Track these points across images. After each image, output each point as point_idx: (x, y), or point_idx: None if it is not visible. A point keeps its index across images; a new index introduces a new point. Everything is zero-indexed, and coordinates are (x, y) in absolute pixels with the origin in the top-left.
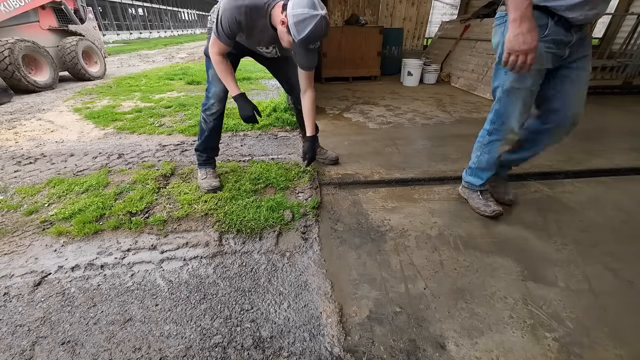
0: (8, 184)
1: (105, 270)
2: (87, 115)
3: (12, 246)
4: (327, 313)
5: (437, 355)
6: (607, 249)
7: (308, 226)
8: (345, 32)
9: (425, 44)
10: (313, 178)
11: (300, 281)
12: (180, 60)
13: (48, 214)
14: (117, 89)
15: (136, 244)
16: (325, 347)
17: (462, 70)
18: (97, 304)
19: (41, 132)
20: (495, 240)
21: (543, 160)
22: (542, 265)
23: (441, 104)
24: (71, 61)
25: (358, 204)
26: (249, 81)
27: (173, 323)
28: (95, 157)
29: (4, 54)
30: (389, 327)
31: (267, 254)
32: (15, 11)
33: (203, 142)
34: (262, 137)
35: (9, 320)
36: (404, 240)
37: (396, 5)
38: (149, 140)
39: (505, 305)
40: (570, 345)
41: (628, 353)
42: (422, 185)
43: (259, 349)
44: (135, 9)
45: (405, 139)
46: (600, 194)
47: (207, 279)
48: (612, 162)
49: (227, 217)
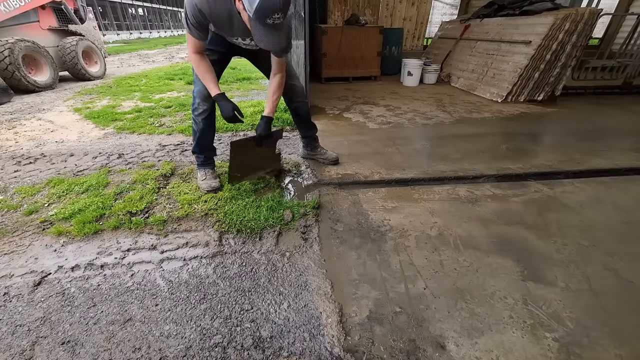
0: (8, 184)
1: (105, 270)
2: (87, 115)
3: (12, 246)
4: (327, 313)
5: (437, 355)
6: (607, 249)
7: (308, 226)
8: (345, 32)
9: (425, 44)
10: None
11: (300, 281)
12: (180, 60)
13: (48, 214)
14: (117, 89)
15: (136, 244)
16: (325, 347)
17: (462, 70)
18: (97, 304)
19: (41, 132)
20: (495, 240)
21: (543, 160)
22: (542, 265)
23: (441, 104)
24: (71, 61)
25: (358, 204)
26: (249, 81)
27: (173, 323)
28: (95, 157)
29: (4, 54)
30: (389, 327)
31: (267, 254)
32: (15, 11)
33: (197, 144)
34: None
35: (9, 320)
36: (404, 240)
37: (396, 5)
38: (149, 140)
39: (505, 305)
40: (570, 345)
41: (628, 353)
42: (422, 185)
43: (259, 349)
44: (135, 9)
45: (405, 139)
46: (600, 194)
47: (207, 279)
48: (612, 162)
49: (227, 217)
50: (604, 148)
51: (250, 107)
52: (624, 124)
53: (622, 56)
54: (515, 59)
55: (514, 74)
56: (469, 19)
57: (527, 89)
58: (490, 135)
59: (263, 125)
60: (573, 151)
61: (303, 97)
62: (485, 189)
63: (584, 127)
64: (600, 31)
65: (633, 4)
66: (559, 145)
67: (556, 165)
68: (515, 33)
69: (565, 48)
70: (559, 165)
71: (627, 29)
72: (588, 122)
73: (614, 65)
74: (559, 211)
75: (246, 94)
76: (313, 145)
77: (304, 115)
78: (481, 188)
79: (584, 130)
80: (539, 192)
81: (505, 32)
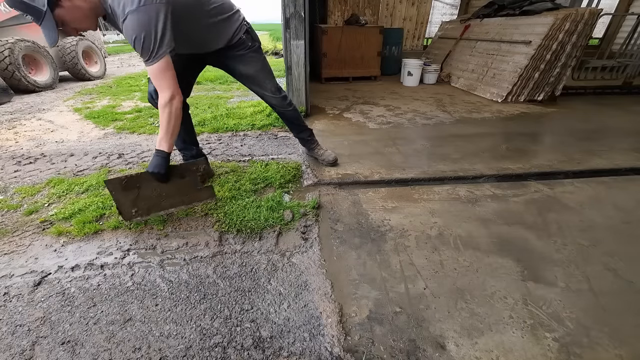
0: (8, 184)
1: (105, 270)
2: (87, 115)
3: (12, 246)
4: (327, 313)
5: (437, 355)
6: (607, 249)
7: (308, 226)
8: (345, 32)
9: (425, 44)
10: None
11: (300, 281)
12: None
13: (48, 214)
14: (117, 88)
15: (136, 244)
16: (325, 347)
17: (462, 70)
18: (97, 304)
19: (41, 132)
20: (495, 240)
21: (543, 160)
22: (542, 265)
23: (441, 104)
24: (71, 61)
25: (358, 204)
26: None
27: (173, 323)
28: (95, 157)
29: (4, 54)
30: (389, 327)
31: (267, 254)
32: (16, 11)
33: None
34: (262, 137)
35: (9, 320)
36: (404, 240)
37: (396, 5)
38: (149, 140)
39: (505, 305)
40: (570, 345)
41: (628, 353)
42: (422, 185)
43: (259, 349)
44: None
45: (405, 139)
46: (600, 194)
47: (207, 279)
48: (612, 162)
49: (227, 217)
50: (604, 148)
51: (250, 107)
52: (624, 124)
53: (622, 56)
54: (515, 59)
55: (514, 74)
56: (469, 19)
57: (527, 89)
58: (490, 135)
59: (153, 160)
60: (573, 151)
61: (281, 108)
62: (485, 189)
63: (584, 127)
64: (600, 31)
65: (633, 4)
66: (559, 145)
67: (556, 165)
68: (515, 33)
69: (566, 48)
70: (559, 165)
71: (627, 29)
72: (588, 122)
73: (614, 65)
74: (559, 211)
75: (246, 94)
76: (309, 147)
77: (290, 119)
78: (481, 188)
79: (584, 130)
80: (539, 192)
81: (505, 32)
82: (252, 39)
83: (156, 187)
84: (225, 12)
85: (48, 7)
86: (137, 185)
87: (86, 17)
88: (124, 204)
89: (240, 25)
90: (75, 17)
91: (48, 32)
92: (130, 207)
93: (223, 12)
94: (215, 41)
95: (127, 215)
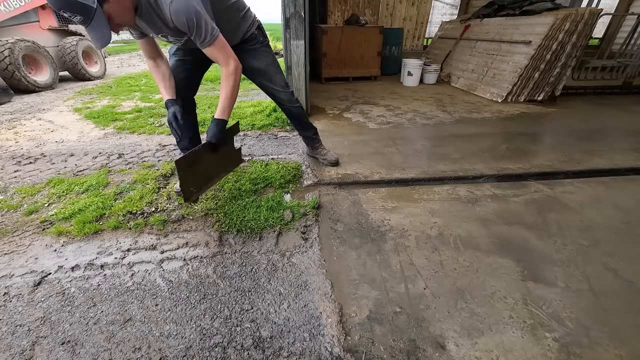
0: (8, 184)
1: (105, 270)
2: (87, 115)
3: (12, 246)
4: (327, 313)
5: (437, 355)
6: (607, 249)
7: (308, 226)
8: (345, 32)
9: (425, 44)
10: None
11: (300, 281)
12: None
13: (48, 214)
14: (117, 88)
15: (136, 244)
16: (325, 347)
17: (462, 70)
18: (97, 304)
19: (41, 132)
20: (495, 240)
21: (543, 160)
22: (542, 265)
23: (441, 104)
24: (71, 61)
25: (358, 204)
26: (249, 81)
27: (173, 323)
28: (95, 157)
29: (4, 54)
30: (389, 327)
31: (267, 254)
32: (16, 11)
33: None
34: (262, 137)
35: (9, 320)
36: (404, 240)
37: (396, 5)
38: (149, 140)
39: (505, 305)
40: (570, 345)
41: (628, 353)
42: (422, 185)
43: (259, 349)
44: None
45: (405, 139)
46: (600, 194)
47: (207, 279)
48: (612, 162)
49: (227, 217)
50: (604, 148)
51: (250, 107)
52: (624, 124)
53: (622, 56)
54: (515, 59)
55: (514, 74)
56: (469, 19)
57: (527, 89)
58: (490, 135)
59: (213, 129)
60: (573, 151)
61: (289, 103)
62: (485, 189)
63: (584, 127)
64: (600, 31)
65: (633, 4)
66: (559, 145)
67: (556, 165)
68: (515, 33)
69: (565, 48)
70: (559, 165)
71: (627, 29)
72: (588, 122)
73: (614, 65)
74: (559, 211)
75: (246, 94)
76: (313, 145)
77: (297, 117)
78: (481, 188)
79: (584, 130)
80: (539, 192)
81: (505, 32)
82: (263, 34)
83: (208, 159)
84: (242, 9)
85: (98, 3)
86: (198, 160)
87: (128, 10)
88: (186, 185)
89: (253, 21)
90: (120, 10)
91: (100, 30)
92: (189, 185)
93: (240, 9)
94: (233, 35)
95: (188, 194)
